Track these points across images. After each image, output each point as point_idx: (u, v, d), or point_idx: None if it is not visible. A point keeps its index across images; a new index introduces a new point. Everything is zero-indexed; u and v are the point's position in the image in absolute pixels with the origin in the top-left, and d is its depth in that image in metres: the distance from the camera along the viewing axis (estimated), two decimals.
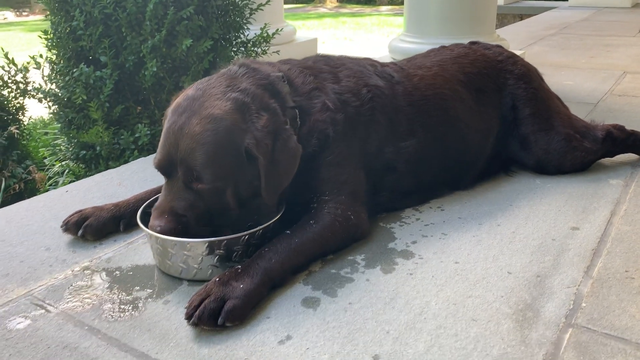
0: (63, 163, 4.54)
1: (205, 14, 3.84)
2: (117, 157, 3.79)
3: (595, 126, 2.70)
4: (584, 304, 1.72)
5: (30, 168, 4.00)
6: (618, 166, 2.76)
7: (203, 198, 1.85)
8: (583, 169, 2.66)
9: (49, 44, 3.79)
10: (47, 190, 4.09)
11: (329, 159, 2.08)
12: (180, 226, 1.83)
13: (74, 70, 3.58)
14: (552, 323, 1.64)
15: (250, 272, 1.75)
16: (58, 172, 4.57)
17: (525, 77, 2.65)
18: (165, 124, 1.92)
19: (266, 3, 4.36)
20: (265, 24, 4.44)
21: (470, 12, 4.36)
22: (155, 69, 3.57)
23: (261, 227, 1.90)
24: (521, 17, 10.23)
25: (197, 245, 1.81)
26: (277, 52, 4.41)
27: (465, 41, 2.89)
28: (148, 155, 3.67)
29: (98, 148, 3.67)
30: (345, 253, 2.04)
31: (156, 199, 2.11)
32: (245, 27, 4.20)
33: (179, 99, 1.95)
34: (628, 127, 2.78)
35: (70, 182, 4.27)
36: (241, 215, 1.94)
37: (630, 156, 2.83)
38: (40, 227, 2.28)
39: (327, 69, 2.26)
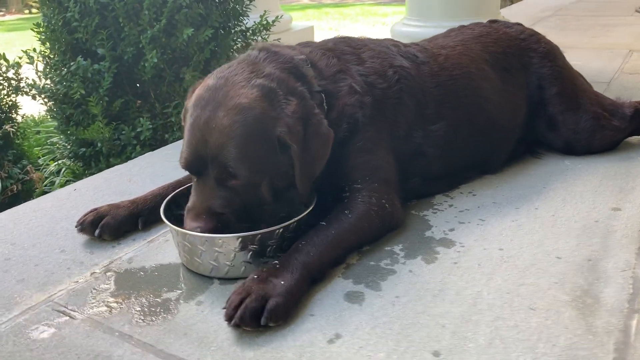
0: (59, 162, 4.39)
1: (205, 2, 3.69)
2: (118, 153, 3.64)
3: (622, 103, 2.62)
4: None
5: (28, 168, 3.84)
6: None
7: (239, 194, 1.73)
8: (612, 148, 2.58)
9: (42, 37, 3.62)
10: (43, 193, 3.95)
11: (360, 144, 1.97)
12: (220, 224, 1.71)
13: (71, 63, 3.42)
14: (615, 309, 1.55)
15: (290, 267, 1.64)
16: (53, 172, 4.41)
17: (549, 55, 2.55)
18: (188, 120, 1.79)
19: None
20: (265, 11, 4.31)
21: None
22: (155, 60, 3.42)
23: (295, 219, 1.79)
24: (512, 1, 10.17)
25: (230, 240, 1.69)
26: (279, 39, 4.27)
27: (470, 20, 2.78)
28: (151, 150, 3.53)
29: (99, 144, 3.51)
30: (382, 243, 1.93)
31: (178, 194, 2.00)
32: (246, 15, 4.05)
33: (199, 91, 1.82)
34: None
35: (67, 182, 4.14)
36: (275, 209, 1.83)
37: None
38: (51, 228, 2.14)
39: (349, 51, 2.14)
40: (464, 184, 2.34)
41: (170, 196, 1.99)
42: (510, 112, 2.42)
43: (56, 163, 4.39)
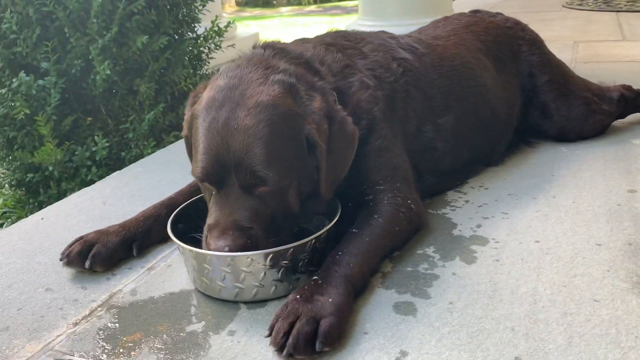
0: None
1: (157, 8, 3.44)
2: (71, 176, 3.30)
3: (608, 88, 2.63)
4: None
5: None
6: (630, 127, 2.70)
7: (267, 203, 1.53)
8: (602, 132, 2.58)
9: None
10: None
11: (378, 143, 1.82)
12: (249, 241, 1.49)
13: (13, 80, 3.06)
14: None
15: (333, 282, 1.46)
16: None
17: (536, 42, 2.53)
18: (201, 125, 1.56)
19: None
20: (217, 17, 4.09)
21: None
22: (108, 72, 3.13)
23: (326, 228, 1.61)
24: None
25: (259, 258, 1.49)
26: (233, 45, 4.06)
27: (425, 21, 2.71)
28: (107, 171, 3.23)
29: (50, 168, 3.16)
30: (411, 247, 1.78)
31: (179, 213, 1.77)
32: (199, 20, 3.82)
33: (209, 93, 1.61)
34: None
35: (3, 214, 3.72)
36: (296, 218, 1.65)
37: (636, 116, 2.77)
38: (26, 264, 1.85)
39: (349, 45, 2.00)
40: (471, 178, 2.25)
41: (175, 213, 1.75)
42: (508, 101, 2.36)
43: None
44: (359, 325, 1.44)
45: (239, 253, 1.48)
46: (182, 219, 1.76)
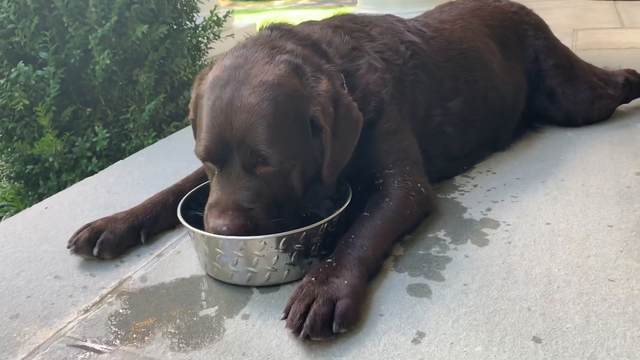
0: None
1: None
2: (71, 168, 3.27)
3: (613, 72, 2.62)
4: None
5: None
6: (634, 111, 2.69)
7: (269, 184, 1.51)
8: (608, 116, 2.58)
9: None
10: None
11: (387, 126, 1.81)
12: (249, 221, 1.48)
13: (11, 70, 3.02)
14: None
15: (347, 264, 1.45)
16: None
17: (542, 27, 2.52)
18: (205, 103, 1.54)
19: None
20: (215, 6, 4.05)
21: None
22: (108, 62, 3.09)
23: (338, 212, 1.59)
24: None
25: (272, 242, 1.47)
26: (232, 35, 4.03)
27: (426, 9, 2.69)
28: (108, 162, 3.20)
29: (50, 160, 3.12)
30: (422, 231, 1.77)
31: (188, 199, 1.75)
32: (198, 10, 3.78)
33: (215, 72, 1.59)
34: None
35: (1, 207, 3.69)
36: (301, 202, 1.63)
37: (638, 101, 2.77)
38: (32, 253, 1.82)
39: (356, 28, 1.98)
40: (478, 162, 2.24)
41: (186, 196, 1.74)
42: (514, 86, 2.35)
43: None
44: (374, 308, 1.42)
45: (251, 237, 1.47)
46: (191, 205, 1.74)
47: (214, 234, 1.47)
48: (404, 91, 1.92)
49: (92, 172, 2.98)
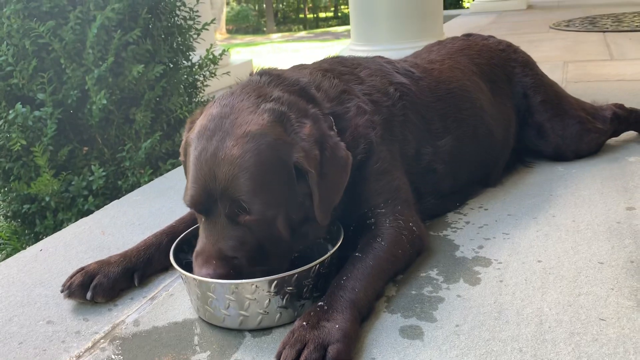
0: None
1: (152, 38, 3.47)
2: (67, 206, 3.29)
3: (601, 106, 2.66)
4: None
5: None
6: (624, 145, 2.73)
7: (253, 232, 1.53)
8: (597, 150, 2.60)
9: None
10: None
11: (377, 166, 1.83)
12: (232, 270, 1.50)
13: (11, 112, 3.06)
14: None
15: (338, 307, 1.45)
16: None
17: (529, 64, 2.56)
18: (192, 153, 1.58)
19: (211, 22, 4.05)
20: (212, 45, 4.13)
21: (419, 15, 4.31)
22: (105, 102, 3.14)
23: (329, 253, 1.61)
24: None
25: (263, 285, 1.48)
26: (228, 73, 4.10)
27: (418, 45, 2.76)
28: (104, 200, 3.22)
29: (47, 199, 3.14)
30: (414, 270, 1.78)
31: (181, 241, 1.77)
32: (194, 49, 3.85)
33: (202, 121, 1.62)
34: None
35: (2, 244, 3.69)
36: (290, 246, 1.64)
37: (629, 134, 2.80)
38: (26, 296, 1.83)
39: (346, 70, 2.02)
40: (470, 199, 2.26)
41: (179, 239, 1.75)
42: (504, 122, 2.38)
43: None
44: (366, 351, 1.42)
45: (243, 280, 1.48)
46: (184, 247, 1.75)
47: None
48: (394, 131, 1.95)
49: (89, 211, 3.00)
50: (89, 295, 1.71)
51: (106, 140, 3.43)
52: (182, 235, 1.79)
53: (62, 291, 1.74)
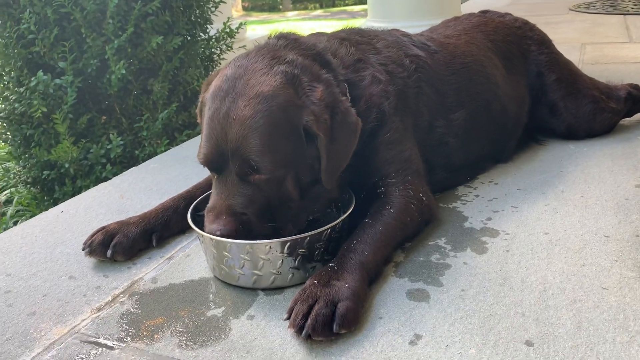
0: (11, 190, 4.02)
1: (171, 9, 3.51)
2: (86, 174, 3.36)
3: (615, 86, 2.67)
4: None
5: None
6: (636, 125, 2.73)
7: (262, 190, 1.59)
8: (610, 130, 2.62)
9: None
10: None
11: (388, 136, 1.87)
12: (241, 226, 1.56)
13: (31, 79, 3.13)
14: None
15: (349, 268, 1.51)
16: (1, 202, 4.04)
17: (545, 42, 2.57)
18: (206, 113, 1.64)
19: None
20: (229, 18, 4.16)
21: None
22: (123, 72, 3.19)
23: (342, 218, 1.66)
24: None
25: (277, 246, 1.54)
26: (244, 46, 4.12)
27: (434, 22, 2.76)
28: (121, 168, 3.29)
29: (66, 166, 3.22)
30: (423, 238, 1.83)
31: (198, 204, 1.83)
32: (211, 21, 3.89)
33: (217, 82, 1.67)
34: None
35: (17, 212, 3.79)
36: (302, 206, 1.69)
37: None
38: (48, 254, 1.90)
39: (363, 40, 2.05)
40: (481, 174, 2.29)
41: (196, 202, 1.81)
42: (517, 99, 2.40)
43: (8, 191, 4.03)
44: (374, 311, 1.48)
45: (257, 241, 1.54)
46: (201, 210, 1.81)
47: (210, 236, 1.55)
48: (407, 103, 1.98)
49: (106, 178, 3.07)
50: (109, 253, 1.78)
51: (124, 110, 3.49)
52: (199, 199, 1.85)
53: (83, 249, 1.81)
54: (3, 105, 3.32)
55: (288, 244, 1.55)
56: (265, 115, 1.56)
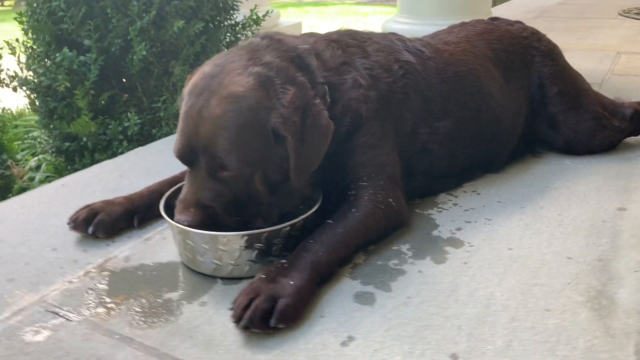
0: (39, 157, 4.25)
1: None
2: (103, 148, 3.53)
3: (622, 104, 2.61)
4: None
5: (9, 163, 3.70)
6: None
7: (230, 186, 1.67)
8: (611, 148, 2.57)
9: (26, 27, 3.49)
10: (21, 190, 3.81)
11: (364, 139, 1.92)
12: (208, 218, 1.65)
13: (56, 55, 3.29)
14: (631, 311, 1.52)
15: (299, 266, 1.58)
16: (33, 167, 4.27)
17: (551, 54, 2.53)
18: (182, 108, 1.73)
19: None
20: (255, 5, 4.23)
21: None
22: (144, 53, 3.32)
23: (302, 217, 1.72)
24: (494, 3, 10.22)
25: (235, 239, 1.62)
26: None
27: (462, 20, 2.73)
28: (138, 145, 3.43)
29: (84, 139, 3.39)
30: (388, 242, 1.88)
31: (176, 191, 1.92)
32: (236, 8, 3.97)
33: (195, 78, 1.75)
34: None
35: (47, 178, 4.01)
36: (273, 202, 1.76)
37: None
38: (41, 225, 2.05)
39: (354, 43, 2.08)
40: (467, 182, 2.30)
41: (169, 192, 1.90)
42: (513, 110, 2.39)
43: (36, 158, 4.26)
44: (318, 310, 1.55)
45: (217, 232, 1.62)
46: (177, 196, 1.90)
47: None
48: (390, 108, 2.01)
49: (122, 154, 3.22)
50: (90, 229, 1.90)
51: (146, 90, 3.62)
52: (177, 186, 1.94)
53: (68, 223, 1.94)
54: (32, 77, 3.50)
55: (245, 237, 1.63)
56: (235, 115, 1.64)
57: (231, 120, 1.63)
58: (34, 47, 3.51)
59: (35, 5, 3.41)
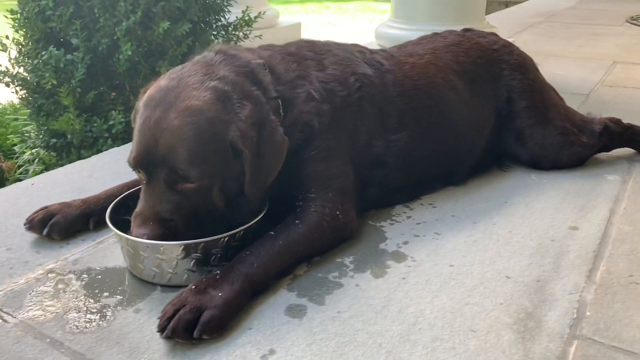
0: (33, 151, 4.34)
1: None
2: (89, 145, 3.59)
3: (592, 119, 2.59)
4: (588, 313, 1.61)
5: None
6: (614, 161, 2.65)
7: (189, 198, 1.70)
8: (579, 164, 2.55)
9: (16, 24, 3.56)
10: (17, 180, 3.89)
11: (314, 153, 1.94)
12: (168, 232, 1.67)
13: (43, 53, 3.36)
14: (555, 334, 1.52)
15: (230, 278, 1.61)
16: (28, 160, 4.36)
17: (521, 67, 2.52)
18: (138, 120, 1.75)
19: None
20: (247, 7, 4.25)
21: None
22: (130, 53, 3.37)
23: (242, 228, 1.75)
24: (506, 5, 10.12)
25: (172, 248, 1.66)
26: (260, 36, 4.22)
27: (456, 27, 2.75)
28: (122, 144, 3.49)
29: (69, 136, 3.46)
30: (333, 254, 1.90)
31: (129, 195, 1.96)
32: (226, 10, 4.00)
33: (150, 91, 1.78)
34: (623, 120, 2.67)
35: (40, 171, 4.09)
36: (226, 215, 1.80)
37: (626, 150, 2.72)
38: (1, 224, 2.10)
39: (311, 56, 2.10)
40: (425, 194, 2.31)
41: (118, 199, 1.95)
42: (476, 124, 2.39)
43: (31, 152, 4.35)
44: (247, 322, 1.58)
45: (154, 241, 1.66)
46: (129, 203, 1.95)
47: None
48: (344, 121, 2.03)
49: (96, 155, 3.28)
50: (45, 231, 1.96)
51: (133, 88, 3.67)
52: (127, 193, 1.98)
53: (24, 224, 1.99)
54: (21, 74, 3.57)
55: (182, 247, 1.66)
56: (194, 127, 1.66)
57: (190, 132, 1.65)
58: (24, 44, 3.58)
59: (25, 2, 3.47)
